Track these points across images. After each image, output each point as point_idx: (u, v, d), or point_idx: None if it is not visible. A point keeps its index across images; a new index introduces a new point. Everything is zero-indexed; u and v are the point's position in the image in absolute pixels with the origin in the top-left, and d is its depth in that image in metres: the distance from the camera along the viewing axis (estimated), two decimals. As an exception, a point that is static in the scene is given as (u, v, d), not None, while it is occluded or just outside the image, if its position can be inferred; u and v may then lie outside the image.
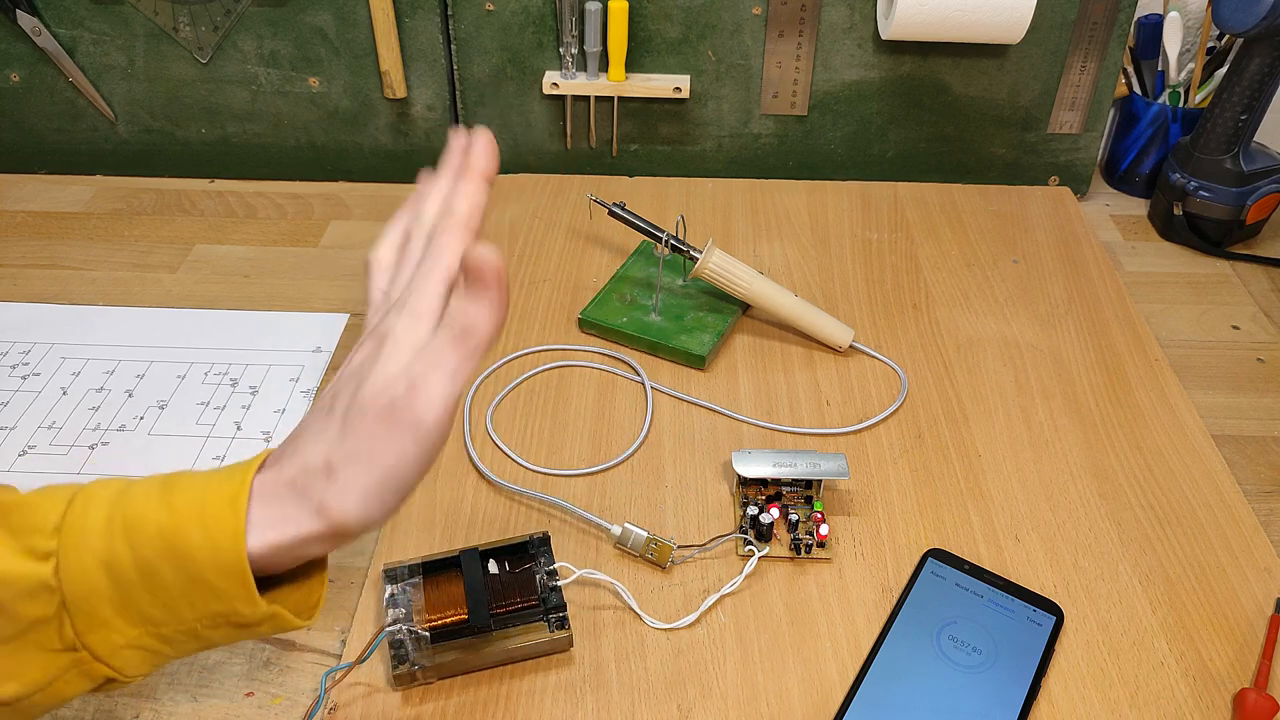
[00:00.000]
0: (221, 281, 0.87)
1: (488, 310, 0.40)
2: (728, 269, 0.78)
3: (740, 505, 0.65)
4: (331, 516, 0.39)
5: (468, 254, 0.40)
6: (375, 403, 0.39)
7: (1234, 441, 0.73)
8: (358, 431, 0.39)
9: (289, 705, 0.55)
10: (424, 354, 0.40)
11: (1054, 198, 0.99)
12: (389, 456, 0.39)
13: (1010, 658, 0.56)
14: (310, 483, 0.40)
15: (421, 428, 0.39)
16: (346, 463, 0.39)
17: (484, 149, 0.45)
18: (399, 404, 0.39)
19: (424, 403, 0.39)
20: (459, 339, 0.40)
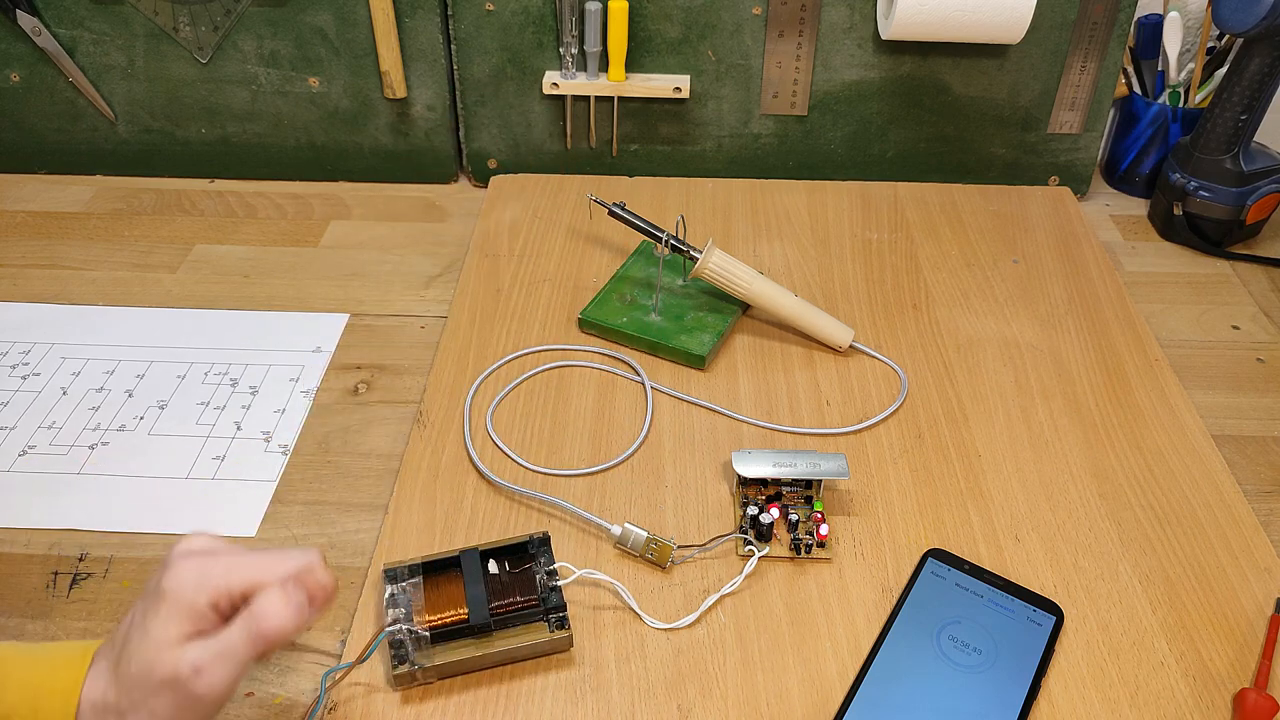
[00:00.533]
0: (221, 281, 0.87)
1: (295, 618, 0.44)
2: (728, 269, 0.78)
3: (740, 505, 0.65)
4: None
5: (310, 568, 0.45)
6: (159, 668, 0.42)
7: (1234, 441, 0.73)
8: (142, 689, 0.43)
9: (289, 705, 0.55)
10: (219, 641, 0.43)
11: (1054, 198, 0.99)
12: (166, 716, 0.43)
13: (1010, 658, 0.56)
14: (102, 718, 0.43)
15: (201, 705, 0.43)
16: (131, 713, 0.43)
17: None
18: (182, 680, 0.42)
19: (206, 685, 0.42)
20: (255, 636, 0.43)
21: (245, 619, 0.43)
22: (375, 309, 0.84)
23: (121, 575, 0.61)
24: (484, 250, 0.90)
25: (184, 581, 0.43)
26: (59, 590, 0.60)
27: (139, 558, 0.62)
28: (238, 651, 0.43)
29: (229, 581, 0.44)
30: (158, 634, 0.42)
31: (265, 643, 0.43)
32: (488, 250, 0.90)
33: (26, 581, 0.61)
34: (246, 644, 0.43)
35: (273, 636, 0.43)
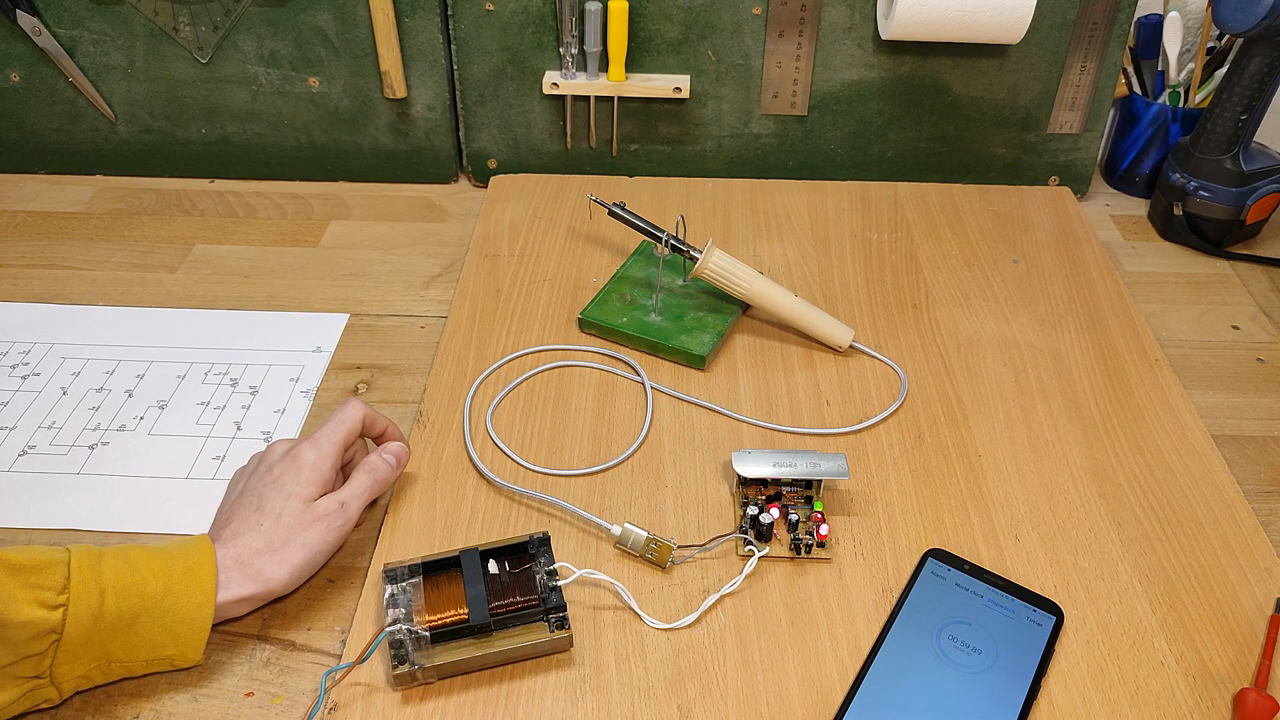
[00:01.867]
0: (221, 281, 0.87)
1: (393, 474, 0.64)
2: (728, 269, 0.78)
3: (740, 505, 0.65)
4: (268, 581, 0.56)
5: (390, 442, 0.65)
6: (311, 511, 0.59)
7: (1234, 441, 0.73)
8: (295, 527, 0.58)
9: (289, 705, 0.55)
10: (352, 486, 0.61)
11: (1054, 198, 0.99)
12: (316, 542, 0.58)
13: (1010, 658, 0.56)
14: (251, 559, 0.56)
15: (344, 530, 0.60)
16: (284, 546, 0.57)
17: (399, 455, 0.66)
18: (332, 515, 0.59)
19: (349, 515, 0.60)
20: (375, 482, 0.62)
21: (366, 472, 0.62)
22: (375, 309, 0.84)
23: (121, 575, 0.61)
24: (484, 250, 0.90)
25: (317, 457, 0.60)
26: (59, 590, 0.60)
27: (139, 558, 0.62)
28: (363, 491, 0.61)
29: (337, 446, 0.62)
30: (303, 491, 0.59)
31: (379, 485, 0.62)
32: (488, 250, 0.90)
33: (26, 581, 0.61)
34: (369, 486, 0.61)
35: (383, 480, 0.63)
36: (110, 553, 0.53)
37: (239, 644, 0.57)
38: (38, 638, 0.49)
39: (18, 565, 0.49)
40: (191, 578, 0.53)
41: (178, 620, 0.53)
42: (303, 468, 0.60)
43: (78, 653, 0.51)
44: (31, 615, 0.48)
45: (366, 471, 0.62)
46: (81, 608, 0.50)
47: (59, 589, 0.50)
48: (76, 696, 0.54)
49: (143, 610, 0.52)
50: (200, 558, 0.54)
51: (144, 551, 0.54)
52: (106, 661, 0.52)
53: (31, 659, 0.49)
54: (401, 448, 0.65)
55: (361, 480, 0.62)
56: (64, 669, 0.51)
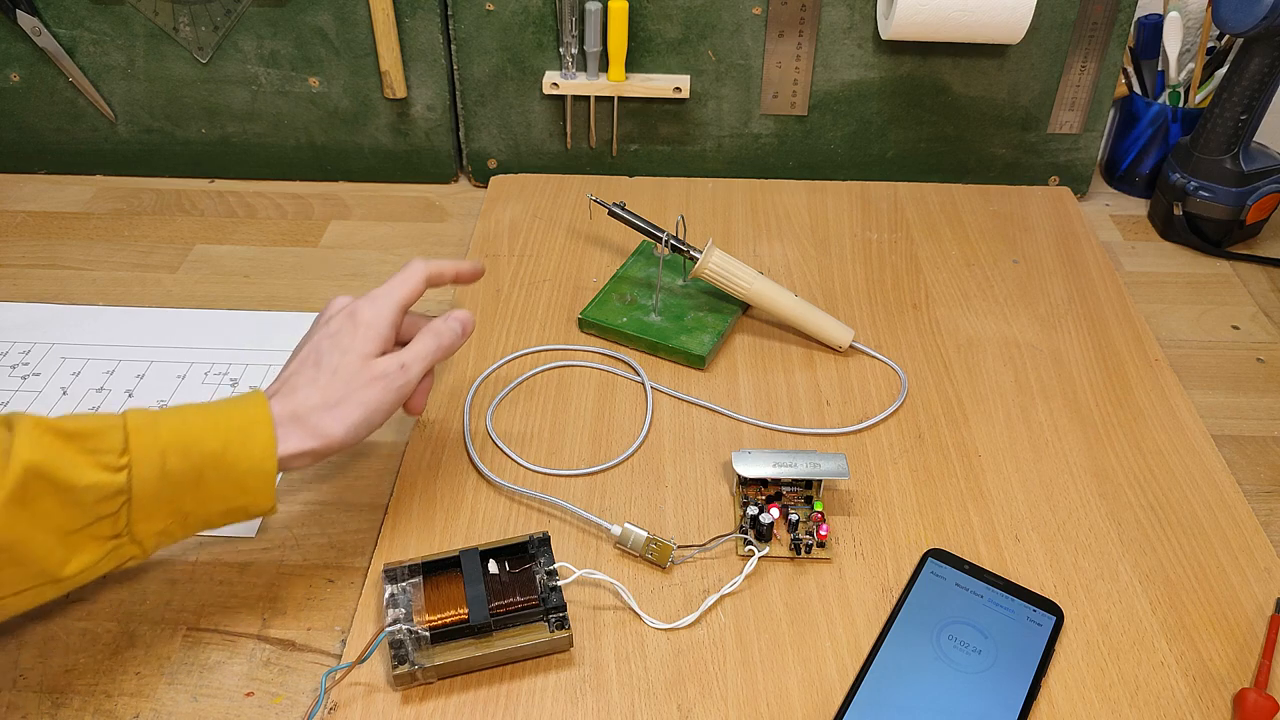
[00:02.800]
0: (221, 281, 0.87)
1: (459, 339, 0.63)
2: (728, 269, 0.78)
3: (740, 505, 0.65)
4: (326, 437, 0.57)
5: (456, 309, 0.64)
6: (370, 370, 0.59)
7: (1234, 441, 0.73)
8: (352, 384, 0.58)
9: (289, 705, 0.55)
10: (415, 349, 0.61)
11: (1054, 198, 0.99)
12: (374, 401, 0.58)
13: (1010, 658, 0.56)
14: (308, 415, 0.57)
15: (403, 391, 0.60)
16: (341, 403, 0.57)
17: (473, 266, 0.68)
18: (392, 375, 0.59)
19: (410, 377, 0.60)
20: (439, 347, 0.62)
21: (431, 335, 0.62)
22: (375, 309, 0.84)
23: (121, 575, 0.61)
24: (484, 250, 0.90)
25: (375, 314, 0.60)
26: (59, 590, 0.60)
27: (139, 558, 0.62)
28: (426, 354, 0.61)
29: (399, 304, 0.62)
30: (361, 348, 0.59)
31: (443, 351, 0.62)
32: (488, 250, 0.90)
33: (26, 581, 0.61)
34: (432, 350, 0.61)
35: (447, 346, 0.62)
36: (166, 414, 0.53)
37: (239, 644, 0.58)
38: (107, 499, 0.50)
39: (73, 432, 0.50)
40: (248, 433, 0.54)
41: (243, 473, 0.53)
42: (360, 324, 0.59)
43: (150, 510, 0.52)
44: (96, 478, 0.49)
45: (432, 335, 0.61)
46: (144, 467, 0.51)
47: (119, 452, 0.50)
48: (76, 697, 0.54)
49: (205, 467, 0.52)
50: (255, 413, 0.55)
51: (198, 411, 0.54)
52: (182, 515, 0.53)
53: (107, 519, 0.50)
54: (468, 316, 0.64)
55: (426, 343, 0.61)
56: (141, 526, 0.52)
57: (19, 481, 0.47)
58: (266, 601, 0.60)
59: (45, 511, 0.48)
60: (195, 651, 0.57)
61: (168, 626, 0.58)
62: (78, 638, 0.58)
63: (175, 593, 0.60)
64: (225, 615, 0.59)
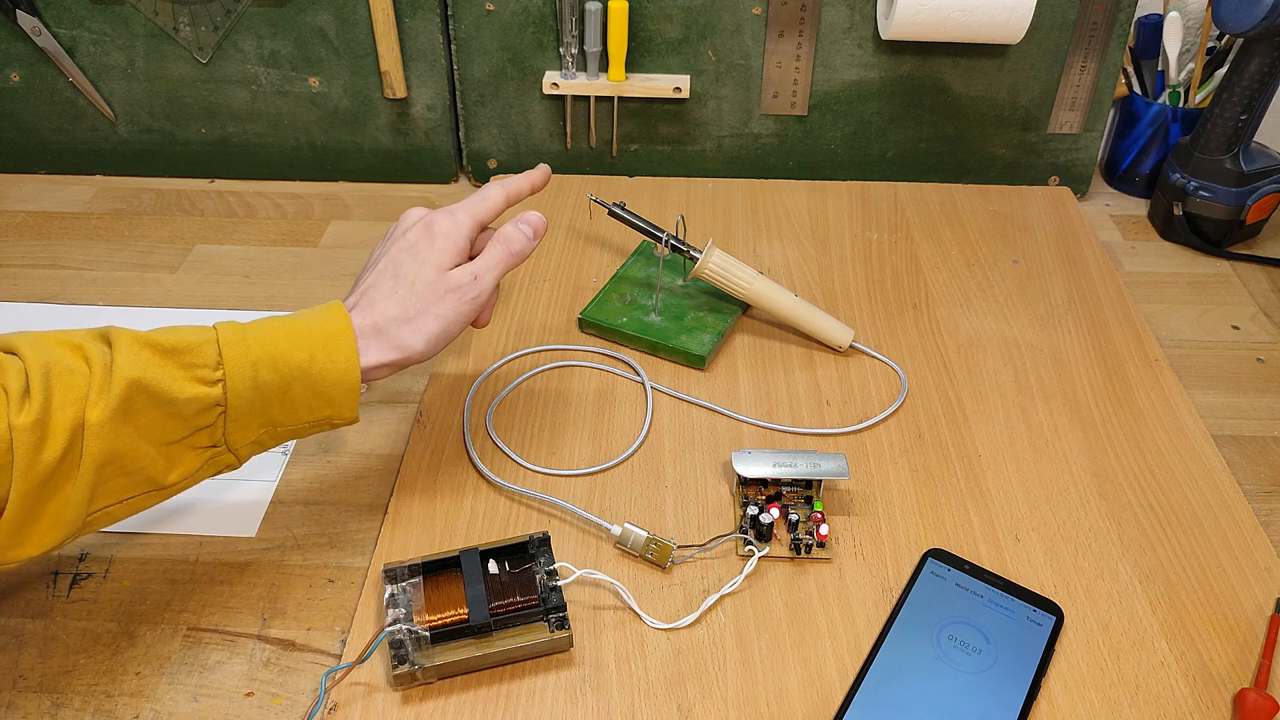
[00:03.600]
0: (221, 281, 0.87)
1: (530, 244, 0.64)
2: (728, 269, 0.78)
3: (740, 505, 0.65)
4: (406, 349, 0.58)
5: (526, 212, 0.65)
6: (445, 282, 0.60)
7: (1234, 441, 0.73)
8: (429, 298, 0.59)
9: (289, 705, 0.55)
10: (486, 259, 0.61)
11: (1054, 198, 0.99)
12: (450, 313, 0.59)
13: (1010, 658, 0.56)
14: (388, 327, 0.58)
15: (478, 302, 0.61)
16: (419, 315, 0.59)
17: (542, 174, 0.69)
18: (466, 286, 0.60)
19: (483, 287, 0.61)
20: (510, 254, 0.62)
21: (500, 243, 0.62)
22: (375, 309, 0.84)
23: (122, 575, 0.61)
24: (484, 250, 0.90)
25: (453, 225, 0.61)
26: (59, 590, 0.60)
27: (139, 557, 0.62)
28: (498, 263, 0.61)
29: (475, 219, 0.62)
30: (438, 260, 0.60)
31: (514, 258, 0.62)
32: (488, 250, 0.90)
33: (26, 581, 0.61)
34: (503, 258, 0.62)
35: (519, 252, 0.63)
36: (253, 328, 0.55)
37: (239, 644, 0.58)
38: (205, 410, 0.52)
39: (171, 347, 0.51)
40: (332, 344, 0.55)
41: (328, 385, 0.55)
42: (437, 236, 0.61)
43: (244, 421, 0.54)
44: (195, 392, 0.51)
45: (501, 243, 0.62)
46: (238, 380, 0.52)
47: (214, 365, 0.52)
48: (76, 697, 0.54)
49: (293, 379, 0.54)
50: (337, 325, 0.56)
51: (283, 324, 0.56)
52: (273, 425, 0.55)
53: (205, 430, 0.53)
54: (539, 218, 0.64)
55: (496, 252, 0.62)
56: (236, 436, 0.54)
57: (124, 395, 0.49)
58: (266, 601, 0.60)
59: (148, 423, 0.50)
60: (195, 651, 0.57)
61: (168, 626, 0.58)
62: (78, 638, 0.58)
63: (175, 593, 0.60)
64: (225, 615, 0.59)
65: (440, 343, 0.60)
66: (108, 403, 0.49)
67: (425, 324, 0.59)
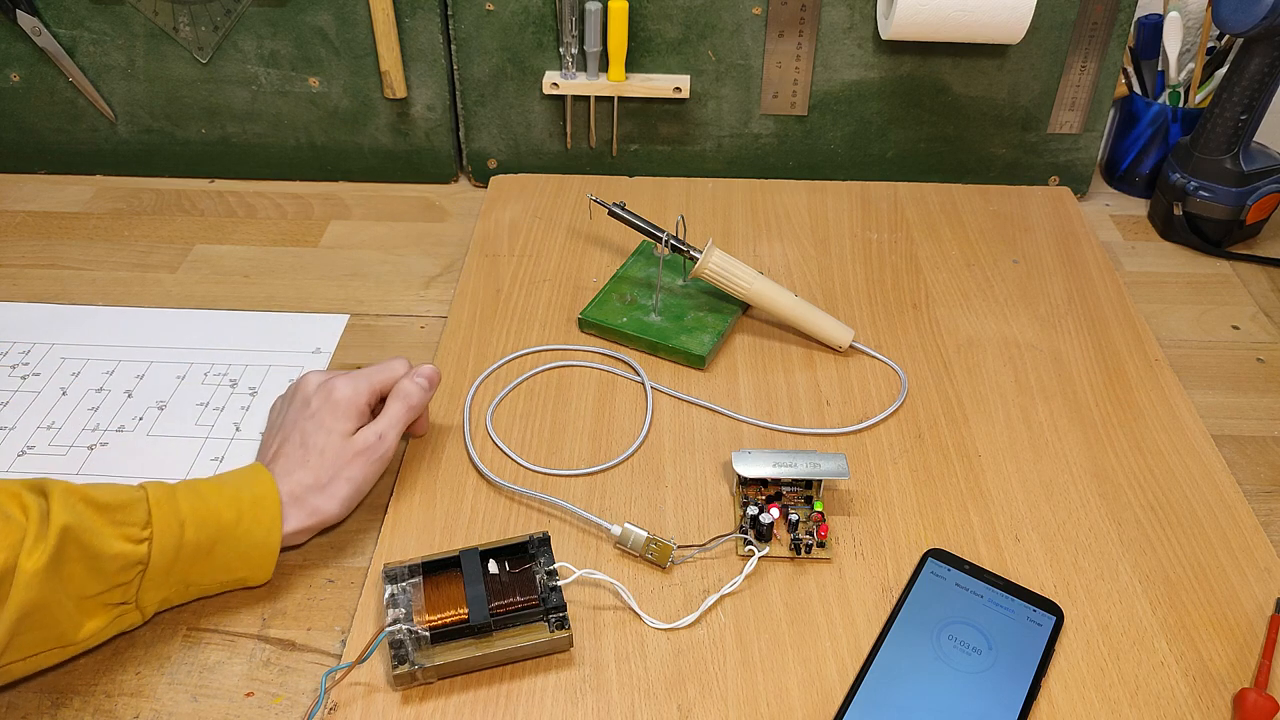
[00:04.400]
0: (221, 281, 0.87)
1: (426, 396, 0.67)
2: (728, 269, 0.78)
3: (740, 505, 0.65)
4: (321, 514, 0.61)
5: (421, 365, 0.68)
6: (351, 446, 0.62)
7: (1234, 441, 0.73)
8: (338, 463, 0.62)
9: (289, 705, 0.55)
10: (387, 417, 0.64)
11: (1054, 198, 0.99)
12: (359, 475, 0.62)
13: (1010, 658, 0.56)
14: (304, 495, 0.61)
15: (384, 460, 0.64)
16: (332, 481, 0.61)
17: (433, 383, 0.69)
18: (372, 448, 0.63)
19: (387, 446, 0.64)
20: (409, 409, 0.65)
21: (400, 399, 0.65)
22: (375, 309, 0.84)
23: (121, 575, 0.61)
24: (484, 250, 0.90)
25: (353, 393, 0.64)
26: (59, 590, 0.60)
27: (139, 558, 0.62)
28: (399, 420, 0.64)
29: (373, 387, 0.65)
30: (341, 428, 0.62)
31: (414, 411, 0.65)
32: (488, 250, 0.90)
33: (26, 581, 0.61)
34: (403, 414, 0.64)
35: (417, 405, 0.65)
36: (181, 488, 0.56)
37: (239, 644, 0.57)
38: (126, 568, 0.53)
39: (105, 504, 0.52)
40: (260, 505, 0.58)
41: (250, 546, 0.57)
42: (339, 403, 0.63)
43: (160, 580, 0.54)
44: (121, 549, 0.52)
45: (400, 399, 0.65)
46: (165, 539, 0.54)
47: (143, 525, 0.53)
48: (76, 697, 0.54)
49: (219, 539, 0.56)
50: (264, 488, 0.58)
51: (210, 485, 0.57)
52: (185, 585, 0.56)
53: (120, 587, 0.53)
54: (432, 370, 0.67)
55: (396, 409, 0.64)
56: (148, 595, 0.54)
57: (57, 546, 0.49)
58: (266, 601, 0.60)
59: (72, 576, 0.50)
60: (195, 651, 0.57)
61: (168, 626, 0.58)
62: (78, 638, 0.58)
63: (175, 593, 0.60)
64: (225, 615, 0.59)
65: (353, 503, 0.62)
66: (44, 551, 0.49)
67: (338, 488, 0.61)
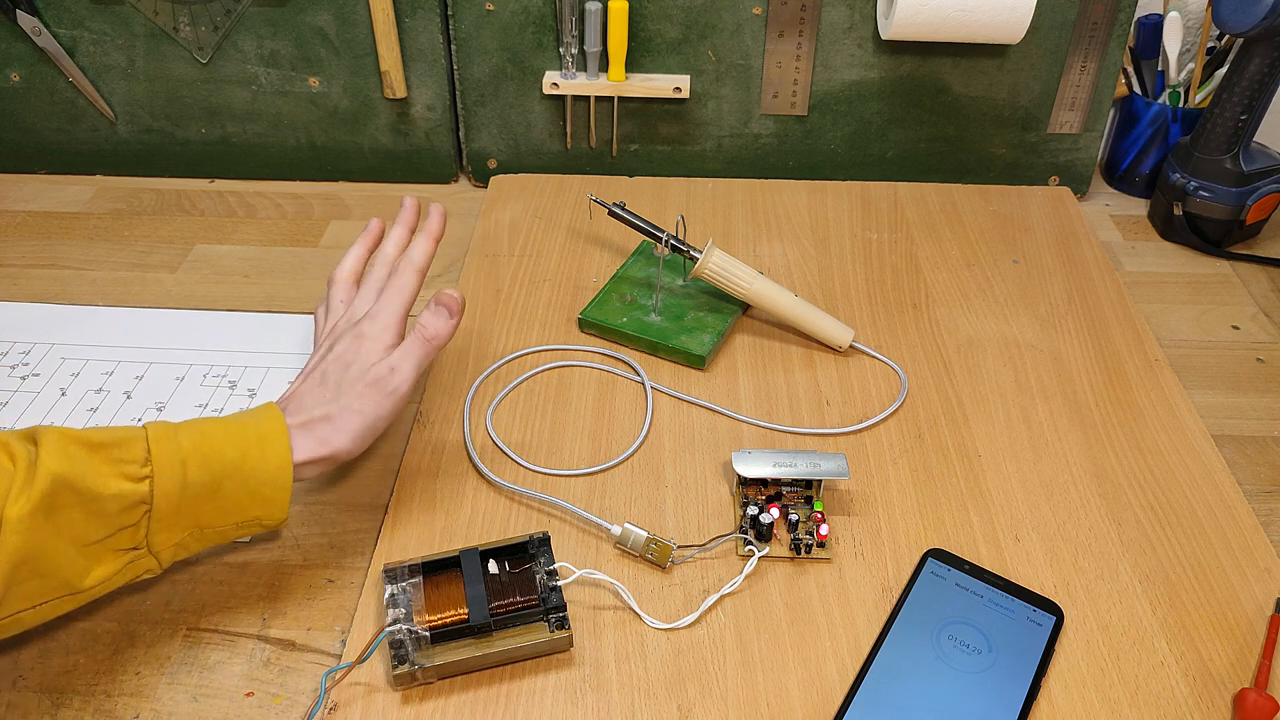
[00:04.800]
0: (221, 281, 0.87)
1: (448, 326, 0.63)
2: (728, 269, 0.78)
3: (740, 505, 0.65)
4: (332, 446, 0.58)
5: (441, 291, 0.63)
6: (364, 378, 0.60)
7: (1234, 441, 0.73)
8: (350, 395, 0.60)
9: (289, 705, 0.55)
10: (402, 349, 0.62)
11: (1054, 198, 0.99)
12: (370, 408, 0.60)
13: (1010, 658, 0.56)
14: (316, 426, 0.59)
15: (397, 394, 0.61)
16: (342, 414, 0.59)
17: (439, 217, 0.68)
18: (383, 380, 0.60)
19: (400, 379, 0.61)
20: (425, 341, 0.62)
21: (417, 331, 0.62)
22: (375, 309, 0.84)
23: (121, 575, 0.61)
24: (484, 250, 0.90)
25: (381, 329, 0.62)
26: (59, 590, 0.60)
27: (139, 558, 0.62)
28: (414, 352, 0.62)
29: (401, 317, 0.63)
30: (363, 361, 0.60)
31: (432, 343, 0.62)
32: (488, 250, 0.90)
33: (26, 581, 0.61)
34: (420, 346, 0.62)
35: (435, 340, 0.62)
36: (184, 426, 0.54)
37: (239, 644, 0.57)
38: (129, 509, 0.51)
39: (98, 442, 0.51)
40: (266, 442, 0.55)
41: (260, 483, 0.55)
42: (364, 338, 0.62)
43: (170, 521, 0.52)
44: (120, 488, 0.50)
45: (415, 331, 0.63)
46: (166, 478, 0.52)
47: (141, 461, 0.51)
48: (76, 697, 0.54)
49: (224, 476, 0.54)
50: (271, 425, 0.56)
51: (215, 423, 0.55)
52: (199, 528, 0.54)
53: (127, 530, 0.51)
54: (455, 296, 0.64)
55: (412, 342, 0.62)
56: (159, 538, 0.53)
57: (46, 491, 0.48)
58: (266, 601, 0.60)
59: (70, 522, 0.49)
60: (195, 651, 0.57)
61: (168, 626, 0.58)
62: (78, 638, 0.58)
63: (175, 593, 0.60)
64: (225, 615, 0.59)
65: (365, 437, 0.60)
66: (29, 498, 0.47)
67: (347, 420, 0.59)
